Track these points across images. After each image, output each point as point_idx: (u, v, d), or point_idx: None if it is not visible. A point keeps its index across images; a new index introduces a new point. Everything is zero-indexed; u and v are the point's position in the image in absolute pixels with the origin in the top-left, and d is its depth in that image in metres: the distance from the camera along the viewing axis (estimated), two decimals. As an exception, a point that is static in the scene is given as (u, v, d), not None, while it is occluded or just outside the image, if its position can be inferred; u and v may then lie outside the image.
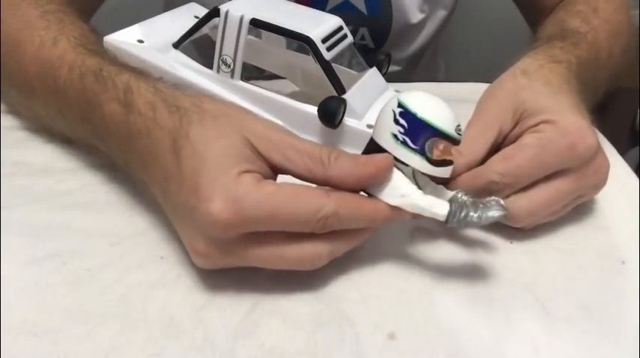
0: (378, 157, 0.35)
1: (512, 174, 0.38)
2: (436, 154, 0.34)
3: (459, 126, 0.35)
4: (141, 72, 0.41)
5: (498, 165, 0.38)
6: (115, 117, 0.38)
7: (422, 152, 0.34)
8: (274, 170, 0.35)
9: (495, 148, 0.40)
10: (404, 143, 0.34)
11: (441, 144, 0.34)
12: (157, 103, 0.37)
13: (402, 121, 0.34)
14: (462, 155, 0.39)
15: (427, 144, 0.34)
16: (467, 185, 0.38)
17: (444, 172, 0.35)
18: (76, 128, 0.44)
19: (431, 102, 0.35)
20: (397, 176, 0.35)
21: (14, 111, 0.51)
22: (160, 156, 0.35)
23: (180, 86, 0.39)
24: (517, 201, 0.39)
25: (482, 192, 0.38)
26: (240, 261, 0.35)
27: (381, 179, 0.35)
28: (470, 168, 0.39)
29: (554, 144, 0.38)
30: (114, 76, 0.40)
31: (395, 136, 0.34)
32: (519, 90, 0.42)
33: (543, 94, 0.41)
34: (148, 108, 0.37)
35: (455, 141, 0.35)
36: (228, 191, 0.32)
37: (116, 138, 0.39)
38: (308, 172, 0.34)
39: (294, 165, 0.34)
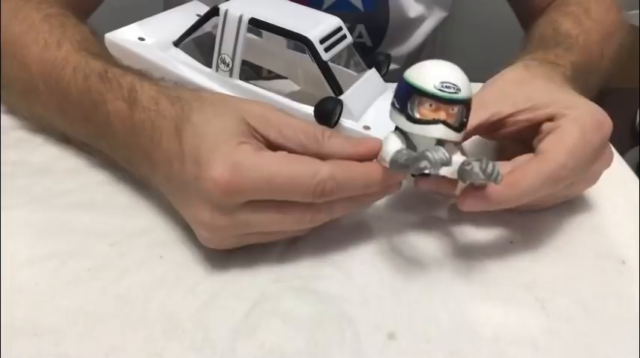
0: (369, 139, 0.37)
1: (573, 158, 0.37)
2: (422, 113, 0.34)
3: (444, 82, 0.33)
4: (144, 74, 0.42)
5: (556, 146, 0.37)
6: (120, 114, 0.40)
7: (404, 111, 0.34)
8: (270, 146, 0.36)
9: (491, 130, 0.41)
10: (393, 105, 0.35)
11: (427, 103, 0.34)
12: (160, 97, 0.39)
13: (397, 87, 0.35)
14: None
15: (409, 102, 0.34)
16: (536, 173, 0.36)
17: (433, 131, 0.34)
18: (77, 127, 0.44)
19: (427, 63, 0.35)
20: (391, 140, 0.36)
21: (14, 112, 0.51)
22: (163, 141, 0.37)
23: (181, 84, 0.41)
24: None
25: (552, 183, 0.37)
26: (244, 229, 0.36)
27: (371, 158, 0.36)
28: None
29: (589, 123, 0.38)
30: (119, 77, 0.41)
31: (392, 102, 0.35)
32: (523, 81, 0.42)
33: (550, 89, 0.42)
34: (152, 102, 0.39)
35: (439, 99, 0.33)
36: (228, 156, 0.34)
37: (120, 135, 0.40)
38: (302, 148, 0.36)
39: (288, 141, 0.36)
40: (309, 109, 0.44)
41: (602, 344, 0.34)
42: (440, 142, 0.35)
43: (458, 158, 0.35)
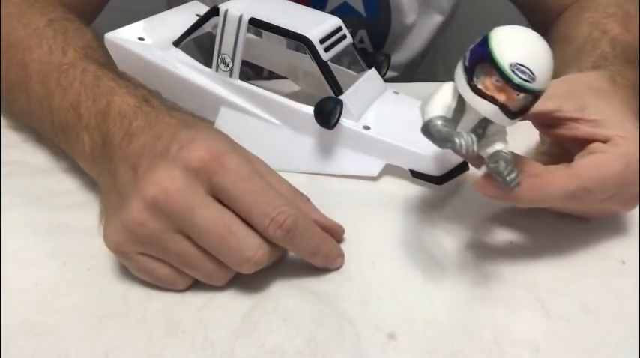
0: (336, 223, 0.39)
1: (601, 188, 0.36)
2: (485, 84, 0.31)
3: (522, 66, 0.30)
4: (154, 91, 0.43)
5: (591, 171, 0.36)
6: (130, 102, 0.39)
7: (469, 72, 0.31)
8: None
9: (547, 124, 0.39)
10: (464, 57, 0.32)
11: (494, 77, 0.30)
12: (167, 109, 0.39)
13: (480, 40, 0.31)
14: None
15: (478, 67, 0.31)
16: (560, 188, 0.35)
17: (484, 110, 0.31)
18: (60, 115, 0.42)
19: (519, 33, 0.31)
20: (442, 95, 0.33)
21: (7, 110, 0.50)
22: (163, 132, 0.36)
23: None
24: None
25: (573, 201, 0.36)
26: (191, 215, 0.33)
27: (330, 233, 0.38)
28: None
29: (634, 165, 0.36)
30: (132, 84, 0.42)
31: (466, 53, 0.32)
32: (601, 91, 0.40)
33: (622, 116, 0.39)
34: (164, 106, 0.39)
35: (507, 80, 0.30)
36: (213, 140, 0.35)
37: (120, 119, 0.38)
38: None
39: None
40: (309, 109, 0.44)
41: (603, 345, 0.34)
42: (489, 120, 0.32)
43: (499, 144, 0.33)
